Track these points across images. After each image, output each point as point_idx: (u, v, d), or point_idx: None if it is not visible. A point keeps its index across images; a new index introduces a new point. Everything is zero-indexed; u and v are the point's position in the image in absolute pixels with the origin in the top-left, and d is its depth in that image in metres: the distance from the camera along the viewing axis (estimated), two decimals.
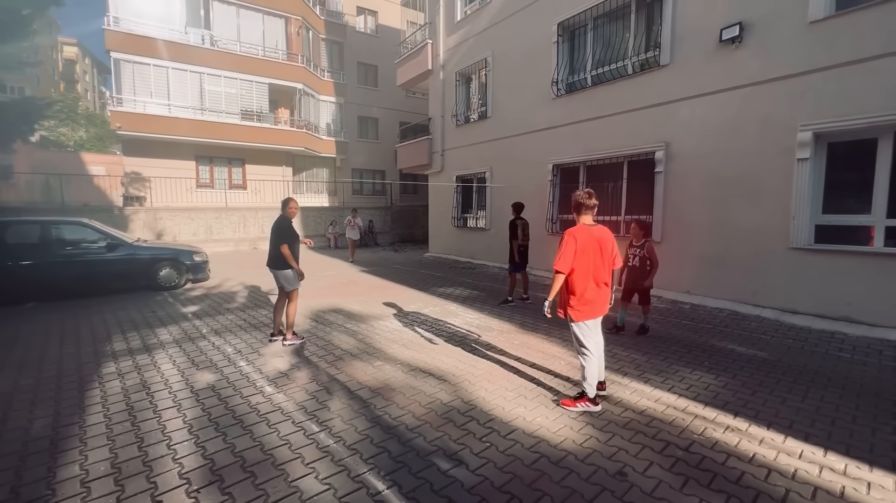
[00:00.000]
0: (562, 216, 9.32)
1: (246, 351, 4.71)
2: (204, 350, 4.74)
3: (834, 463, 2.65)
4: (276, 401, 3.48)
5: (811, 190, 5.61)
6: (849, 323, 5.24)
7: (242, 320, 5.98)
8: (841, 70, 5.28)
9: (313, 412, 3.30)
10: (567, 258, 3.21)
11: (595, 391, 3.36)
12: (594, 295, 3.28)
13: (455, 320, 6.02)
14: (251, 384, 3.83)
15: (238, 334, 5.33)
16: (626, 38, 7.87)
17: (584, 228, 3.30)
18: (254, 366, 4.27)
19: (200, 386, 3.79)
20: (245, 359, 4.44)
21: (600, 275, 3.30)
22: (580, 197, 3.34)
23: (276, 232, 4.86)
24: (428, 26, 13.45)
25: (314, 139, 18.94)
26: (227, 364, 4.31)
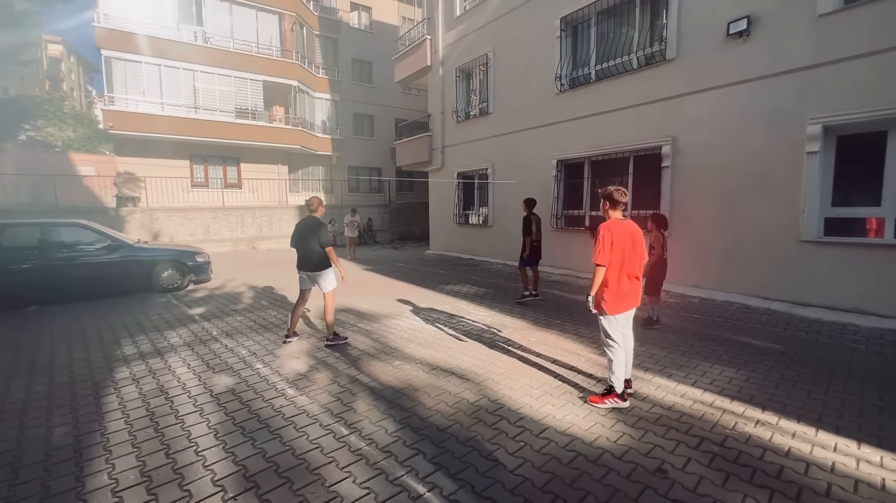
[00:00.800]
0: (566, 212, 9.31)
1: (261, 353, 4.63)
2: (217, 353, 4.66)
3: (869, 455, 2.66)
4: (299, 404, 3.42)
5: (820, 183, 5.64)
6: (860, 314, 5.29)
7: (252, 321, 5.89)
8: (850, 63, 5.30)
9: (339, 414, 3.25)
10: (606, 251, 3.21)
11: (623, 386, 3.36)
12: (628, 288, 3.30)
13: (468, 318, 5.98)
14: (271, 387, 3.76)
15: (250, 336, 5.24)
16: (631, 32, 7.85)
17: (617, 223, 3.30)
18: (271, 368, 4.20)
19: (220, 389, 3.72)
20: (261, 362, 4.36)
21: (633, 269, 3.31)
22: (614, 193, 3.31)
23: (312, 232, 4.71)
24: (426, 22, 13.34)
25: (310, 137, 18.75)
26: (243, 366, 4.24)
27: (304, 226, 4.79)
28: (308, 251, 4.72)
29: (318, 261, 4.74)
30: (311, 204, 4.87)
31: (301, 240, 4.75)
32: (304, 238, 4.73)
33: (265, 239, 16.38)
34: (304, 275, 4.84)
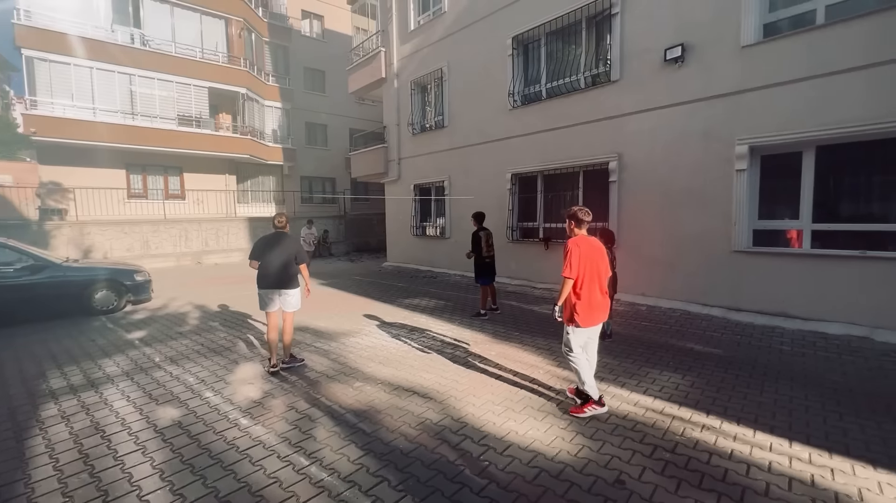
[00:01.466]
0: (521, 224, 9.56)
1: (210, 380, 4.37)
2: (161, 381, 4.34)
3: (800, 452, 2.91)
4: (255, 435, 3.26)
5: (748, 198, 6.16)
6: (785, 317, 5.80)
7: (200, 345, 5.55)
8: (770, 90, 5.87)
9: (298, 443, 3.12)
10: (574, 264, 3.37)
11: (598, 392, 3.50)
12: (599, 301, 3.46)
13: (428, 333, 5.97)
14: (223, 417, 3.55)
15: (197, 361, 4.93)
16: (578, 53, 8.26)
17: (584, 238, 3.50)
18: (222, 396, 3.97)
19: (164, 423, 3.46)
20: (211, 390, 4.12)
21: (602, 283, 3.48)
22: (578, 213, 3.51)
23: (287, 249, 4.59)
24: (380, 34, 13.34)
25: (259, 146, 18.09)
26: (191, 396, 3.98)
27: (274, 241, 4.62)
28: (280, 267, 4.56)
29: (290, 279, 4.62)
30: (281, 220, 4.77)
31: (271, 255, 4.55)
32: (276, 253, 4.56)
33: (212, 253, 15.54)
34: (272, 294, 4.61)
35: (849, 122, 5.25)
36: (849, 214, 5.58)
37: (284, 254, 4.57)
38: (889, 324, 5.09)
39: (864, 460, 2.81)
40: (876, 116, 5.06)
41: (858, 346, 4.93)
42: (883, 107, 5.02)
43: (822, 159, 5.67)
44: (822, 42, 5.42)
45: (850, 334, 5.21)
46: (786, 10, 5.90)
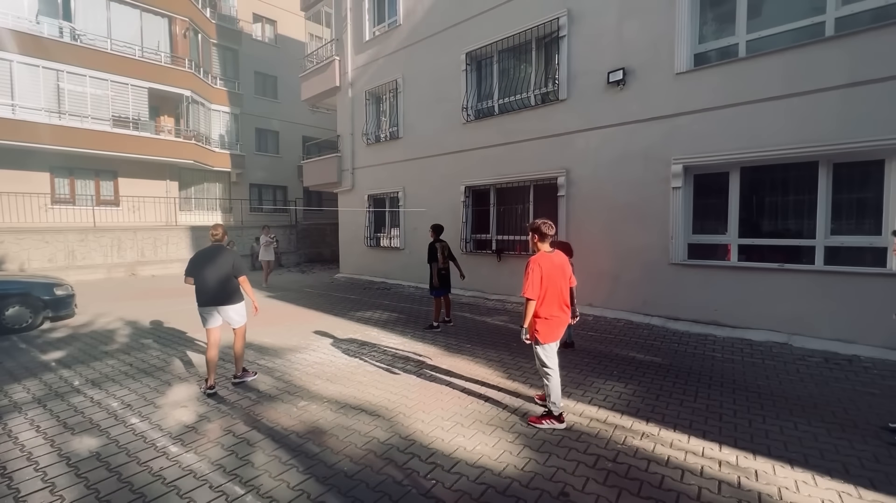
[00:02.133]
0: (475, 236, 9.67)
1: (138, 404, 4.02)
2: (79, 408, 3.94)
3: (728, 456, 3.09)
4: (185, 463, 3.01)
5: (683, 214, 6.58)
6: (717, 326, 6.21)
7: (128, 365, 5.12)
8: (701, 114, 6.34)
9: (234, 471, 2.92)
10: (536, 285, 3.41)
11: (560, 409, 3.55)
12: (559, 318, 3.53)
13: (379, 347, 5.85)
14: (150, 445, 3.27)
15: (124, 384, 4.53)
16: (529, 72, 8.56)
17: (546, 255, 3.54)
18: (150, 421, 3.66)
19: (80, 455, 3.13)
20: (138, 415, 3.78)
21: (564, 299, 3.56)
22: (542, 226, 3.54)
23: (223, 261, 4.34)
24: (335, 42, 13.19)
25: (205, 151, 17.24)
26: (113, 423, 3.63)
27: (210, 255, 4.35)
28: (217, 283, 4.30)
29: (230, 294, 4.37)
30: (217, 232, 4.52)
31: (207, 270, 4.29)
32: (212, 268, 4.30)
33: (148, 264, 14.51)
34: (211, 311, 4.35)
35: (767, 146, 5.76)
36: (770, 230, 6.09)
37: (220, 269, 4.33)
38: (804, 331, 5.58)
39: (784, 460, 3.02)
40: (790, 141, 5.59)
41: (779, 352, 5.35)
42: (796, 133, 5.55)
43: (746, 179, 6.18)
44: (744, 73, 5.94)
45: (772, 341, 5.65)
46: (713, 43, 6.43)
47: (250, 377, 4.58)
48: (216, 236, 4.50)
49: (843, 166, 5.50)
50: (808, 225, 5.73)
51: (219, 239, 4.51)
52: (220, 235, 4.52)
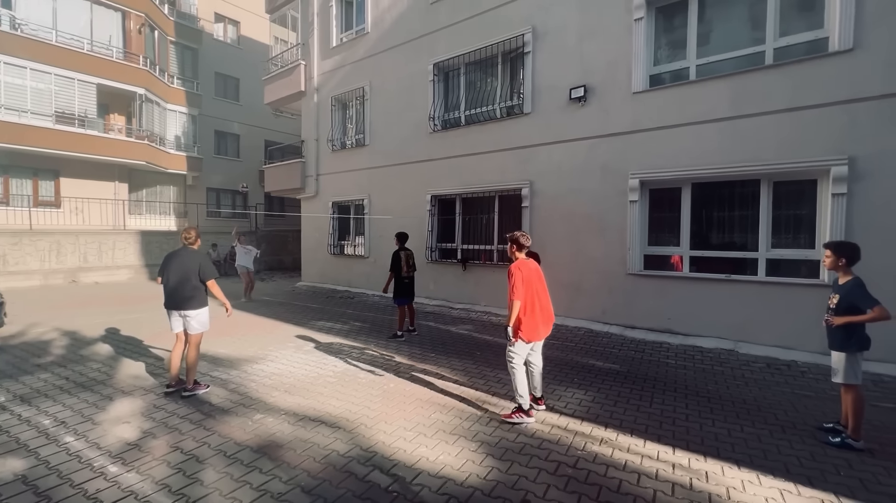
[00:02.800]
0: (440, 245, 9.69)
1: (74, 421, 3.71)
2: (4, 427, 3.59)
3: (681, 459, 3.20)
4: (125, 484, 2.80)
5: (640, 226, 6.88)
6: (671, 334, 6.48)
7: (64, 379, 4.73)
8: (655, 132, 6.67)
9: (180, 490, 2.74)
10: (520, 287, 3.65)
11: (529, 403, 3.74)
12: (541, 318, 3.78)
13: (341, 357, 5.70)
14: (85, 465, 3.02)
15: (59, 399, 4.18)
16: (495, 85, 8.74)
17: (525, 262, 3.82)
18: (87, 440, 3.38)
19: (3, 479, 2.84)
20: (73, 433, 3.49)
21: (543, 302, 3.78)
22: (520, 238, 3.88)
23: (191, 265, 4.27)
24: (300, 46, 12.99)
25: (158, 152, 16.43)
26: (44, 443, 3.33)
27: (178, 256, 4.32)
28: (178, 285, 4.23)
29: (190, 299, 4.26)
30: (188, 235, 4.45)
31: (172, 271, 4.26)
32: (177, 270, 4.25)
33: (92, 270, 13.57)
34: (174, 314, 4.31)
35: (715, 164, 6.13)
36: (718, 243, 6.46)
37: (184, 272, 4.27)
38: (749, 338, 5.92)
39: (731, 461, 3.17)
40: (735, 160, 5.98)
41: (726, 358, 5.64)
42: (740, 153, 5.95)
43: (696, 194, 6.54)
44: (694, 95, 6.32)
45: (720, 347, 5.96)
46: (667, 65, 6.81)
47: (202, 390, 4.35)
48: (187, 239, 4.45)
49: (782, 184, 5.93)
50: (752, 238, 6.12)
51: (191, 242, 4.44)
52: (192, 239, 4.46)
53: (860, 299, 3.26)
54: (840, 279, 3.48)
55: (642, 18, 6.73)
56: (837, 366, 3.40)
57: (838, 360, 3.39)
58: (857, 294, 3.29)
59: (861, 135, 5.23)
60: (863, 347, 3.33)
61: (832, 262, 3.47)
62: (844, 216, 5.31)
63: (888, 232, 5.07)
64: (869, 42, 5.19)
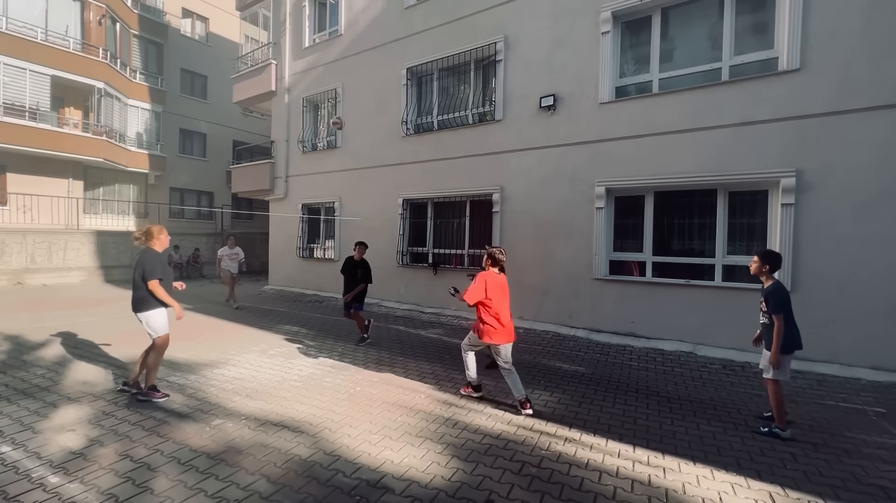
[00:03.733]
0: (412, 249, 9.66)
1: (11, 429, 3.46)
2: None
3: (640, 456, 3.29)
4: (67, 495, 2.63)
5: (605, 232, 7.07)
6: (634, 337, 6.67)
7: (2, 386, 4.41)
8: (621, 142, 6.90)
9: (129, 500, 2.60)
10: (480, 291, 4.09)
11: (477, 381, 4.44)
12: (503, 325, 4.12)
13: (306, 361, 5.58)
14: (23, 476, 2.82)
15: None
16: (468, 92, 8.84)
17: (493, 274, 4.24)
18: (26, 449, 3.16)
19: None
20: (10, 442, 3.26)
21: (505, 316, 4.17)
22: (496, 254, 4.32)
23: (138, 267, 4.10)
24: (272, 46, 12.76)
25: (118, 149, 15.72)
26: None
27: (137, 259, 4.21)
28: (135, 289, 4.13)
29: (140, 300, 4.11)
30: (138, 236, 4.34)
31: (134, 276, 4.18)
32: (134, 274, 4.17)
33: (40, 272, 12.78)
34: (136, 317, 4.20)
35: (676, 174, 6.39)
36: (678, 249, 6.71)
37: (134, 273, 4.15)
38: (707, 341, 6.16)
39: (687, 457, 3.28)
40: (694, 170, 6.26)
41: (686, 360, 5.86)
42: (699, 163, 6.23)
43: (659, 202, 6.79)
44: (657, 107, 6.58)
45: (680, 350, 6.18)
46: (632, 78, 7.07)
47: (158, 398, 4.12)
48: (137, 240, 4.32)
49: (737, 194, 6.24)
50: (710, 245, 6.39)
51: (141, 242, 4.29)
52: (142, 239, 4.29)
53: (773, 304, 3.65)
54: (764, 283, 3.86)
55: (609, 32, 6.97)
56: (768, 365, 3.70)
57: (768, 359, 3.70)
58: (774, 298, 3.66)
59: (808, 149, 5.57)
60: (791, 348, 3.66)
61: (757, 268, 3.85)
62: (793, 225, 5.64)
63: (831, 241, 5.42)
64: (814, 63, 5.56)
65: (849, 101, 5.34)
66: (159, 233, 4.31)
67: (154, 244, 4.25)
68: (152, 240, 4.26)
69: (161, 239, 4.30)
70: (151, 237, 4.26)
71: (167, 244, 4.39)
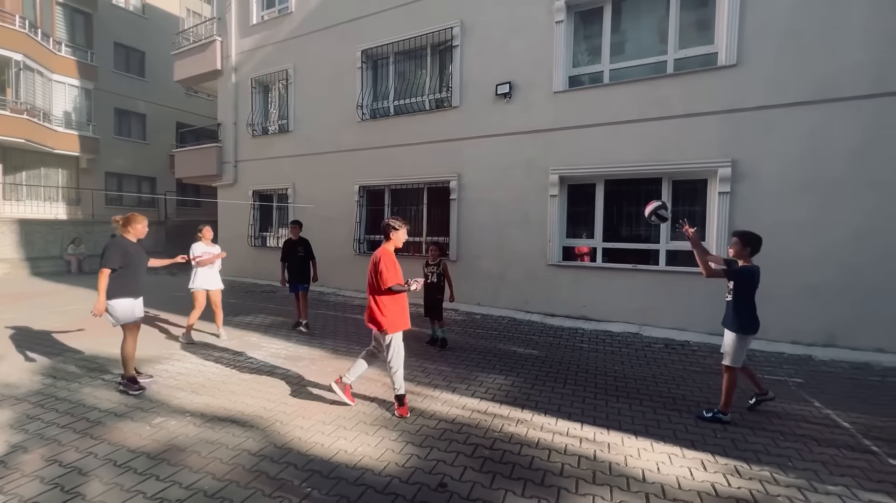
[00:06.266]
0: (369, 237, 9.52)
1: None
2: None
3: (587, 433, 3.45)
4: None
5: (559, 219, 7.27)
6: (586, 320, 6.95)
7: None
8: (573, 131, 7.07)
9: None
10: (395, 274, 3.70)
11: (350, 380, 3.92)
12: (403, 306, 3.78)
13: (258, 353, 5.40)
14: None
15: None
16: (425, 77, 8.71)
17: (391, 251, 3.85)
18: None
19: None
20: None
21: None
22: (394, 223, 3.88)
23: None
24: (216, 22, 11.98)
25: (42, 129, 14.34)
26: None
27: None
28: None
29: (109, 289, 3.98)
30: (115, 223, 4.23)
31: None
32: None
33: None
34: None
35: (624, 163, 6.64)
36: (627, 235, 7.02)
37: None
38: (652, 321, 6.52)
39: (630, 432, 3.47)
40: (641, 160, 6.53)
41: (632, 341, 6.17)
42: (645, 153, 6.50)
43: (609, 190, 7.04)
44: (608, 97, 6.78)
45: (627, 331, 6.50)
46: (585, 68, 7.23)
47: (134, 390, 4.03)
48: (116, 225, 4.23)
49: (680, 183, 6.58)
50: (655, 232, 6.72)
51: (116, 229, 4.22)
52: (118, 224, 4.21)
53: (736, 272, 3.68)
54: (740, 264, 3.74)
55: (563, 21, 7.07)
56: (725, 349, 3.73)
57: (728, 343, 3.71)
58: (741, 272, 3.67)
59: (742, 141, 5.95)
60: (748, 330, 3.65)
61: (737, 251, 3.73)
62: (728, 212, 6.03)
63: (761, 227, 5.76)
64: (749, 59, 5.90)
65: (778, 97, 5.73)
66: (136, 222, 4.19)
67: (127, 232, 4.13)
68: (127, 227, 4.13)
69: (137, 228, 4.21)
70: (128, 224, 4.14)
71: (143, 234, 4.25)
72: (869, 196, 5.35)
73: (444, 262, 5.85)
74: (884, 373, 4.94)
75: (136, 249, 4.15)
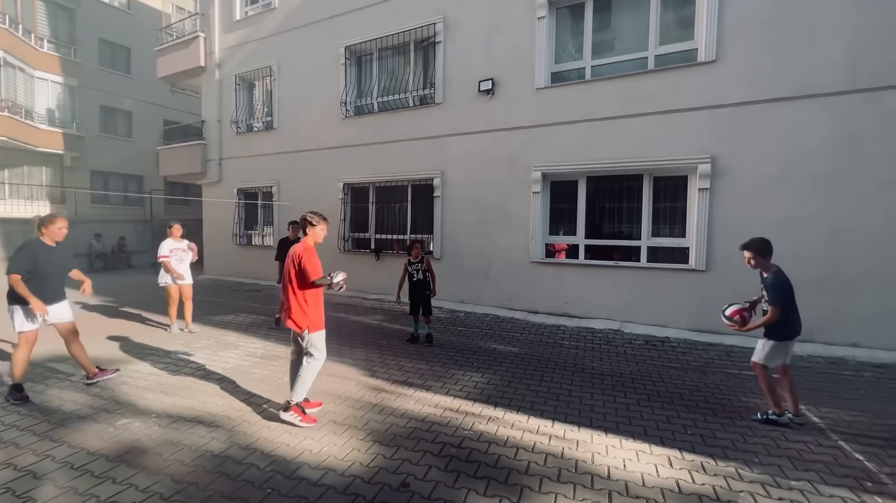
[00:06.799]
0: (353, 234, 9.46)
1: None
2: None
3: (558, 431, 3.43)
4: None
5: (542, 216, 7.25)
6: (568, 317, 6.94)
7: None
8: (556, 127, 7.04)
9: None
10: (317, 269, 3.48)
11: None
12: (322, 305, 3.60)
13: (234, 352, 5.34)
14: None
15: None
16: (408, 73, 8.65)
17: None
18: None
19: None
20: None
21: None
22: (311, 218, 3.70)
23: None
24: (200, 17, 11.83)
25: (24, 127, 14.11)
26: None
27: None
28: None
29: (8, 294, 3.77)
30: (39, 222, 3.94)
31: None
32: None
33: None
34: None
35: (606, 159, 6.63)
36: (609, 232, 7.01)
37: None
38: (633, 318, 6.53)
39: (601, 429, 3.46)
40: (623, 156, 6.51)
41: (613, 338, 6.17)
42: (627, 149, 6.49)
43: (591, 187, 7.03)
44: (589, 94, 6.76)
45: (609, 328, 6.50)
46: (567, 64, 7.20)
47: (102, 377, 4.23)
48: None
49: (661, 179, 6.57)
50: (636, 228, 6.72)
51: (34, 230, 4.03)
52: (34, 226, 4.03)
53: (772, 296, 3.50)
54: (764, 273, 3.65)
55: (545, 17, 7.03)
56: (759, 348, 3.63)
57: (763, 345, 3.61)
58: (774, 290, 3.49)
59: (721, 137, 5.95)
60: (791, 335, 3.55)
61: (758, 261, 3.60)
62: (708, 208, 6.03)
63: (740, 223, 5.83)
64: (728, 55, 5.89)
65: (756, 93, 5.74)
66: (51, 223, 3.88)
67: (42, 235, 3.86)
68: (41, 229, 3.87)
69: (52, 230, 3.88)
70: (42, 226, 3.88)
71: (60, 237, 3.96)
72: (845, 192, 5.37)
73: (427, 259, 5.81)
74: (857, 368, 4.97)
75: (48, 254, 3.83)
